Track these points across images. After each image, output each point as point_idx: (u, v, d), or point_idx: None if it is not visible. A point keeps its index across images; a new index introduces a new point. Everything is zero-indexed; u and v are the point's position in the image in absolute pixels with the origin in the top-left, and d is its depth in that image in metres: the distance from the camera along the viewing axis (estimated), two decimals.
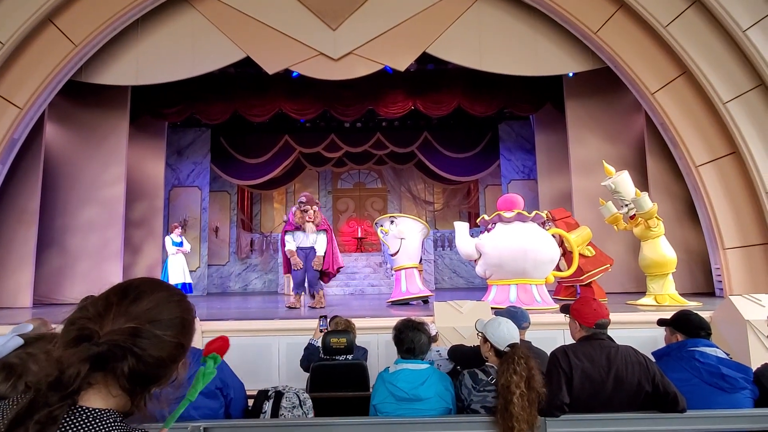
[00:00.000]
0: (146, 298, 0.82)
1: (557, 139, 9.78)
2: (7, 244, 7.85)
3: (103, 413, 0.75)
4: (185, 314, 0.87)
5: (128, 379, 0.76)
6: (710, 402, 2.25)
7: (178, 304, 0.86)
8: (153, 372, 0.80)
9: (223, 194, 12.45)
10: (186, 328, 0.86)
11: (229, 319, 5.54)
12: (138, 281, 0.86)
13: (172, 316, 0.84)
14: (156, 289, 0.85)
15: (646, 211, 5.97)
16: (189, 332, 0.87)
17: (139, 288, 0.83)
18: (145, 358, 0.78)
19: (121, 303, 0.79)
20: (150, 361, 0.78)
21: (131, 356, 0.76)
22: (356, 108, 9.83)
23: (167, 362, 0.82)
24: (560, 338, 4.40)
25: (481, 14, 7.79)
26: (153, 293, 0.83)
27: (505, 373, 2.09)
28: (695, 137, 7.11)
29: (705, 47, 6.86)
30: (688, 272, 7.83)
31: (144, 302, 0.81)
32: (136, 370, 0.77)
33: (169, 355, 0.82)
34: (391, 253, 7.26)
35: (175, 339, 0.83)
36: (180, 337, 0.84)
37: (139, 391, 0.80)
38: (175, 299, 0.86)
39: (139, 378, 0.78)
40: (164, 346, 0.80)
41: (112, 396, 0.77)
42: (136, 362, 0.76)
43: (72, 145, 8.94)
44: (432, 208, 13.75)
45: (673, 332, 2.64)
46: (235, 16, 7.68)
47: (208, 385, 2.24)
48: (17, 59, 7.09)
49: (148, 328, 0.79)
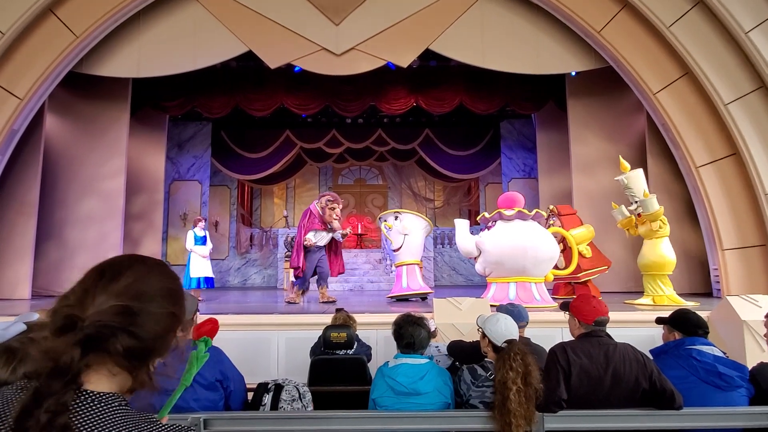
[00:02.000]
0: (125, 275, 0.79)
1: (558, 138, 9.78)
2: (7, 235, 7.85)
3: (107, 397, 0.75)
4: (169, 283, 0.85)
5: (125, 356, 0.75)
6: (706, 399, 2.27)
7: (159, 274, 0.84)
8: (149, 346, 0.78)
9: (224, 188, 12.44)
10: (173, 297, 0.84)
11: (228, 313, 5.55)
12: (113, 259, 0.83)
13: (156, 287, 0.81)
14: (133, 264, 0.82)
15: (650, 213, 6.02)
16: (177, 300, 0.85)
17: (116, 266, 0.81)
18: (138, 333, 0.76)
19: (98, 284, 0.77)
20: (143, 335, 0.77)
21: (122, 334, 0.75)
22: (358, 104, 9.82)
23: (161, 334, 0.80)
24: (559, 336, 4.42)
25: (485, 12, 7.77)
26: (131, 268, 0.81)
27: (501, 369, 2.11)
28: (696, 138, 7.12)
29: (707, 48, 6.86)
30: (686, 272, 7.85)
31: (123, 279, 0.79)
32: (131, 346, 0.76)
33: (163, 327, 0.80)
34: (393, 249, 7.27)
35: (163, 309, 0.81)
36: (169, 307, 0.82)
37: (139, 366, 0.79)
38: (155, 270, 0.84)
39: (136, 353, 0.77)
40: (154, 319, 0.79)
41: (113, 375, 0.77)
42: (128, 339, 0.75)
43: (72, 136, 8.92)
44: (432, 205, 13.76)
45: (671, 330, 2.65)
46: (237, 9, 7.65)
47: (207, 377, 2.27)
48: (18, 49, 7.07)
49: (132, 303, 0.77)
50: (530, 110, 10.23)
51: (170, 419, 0.91)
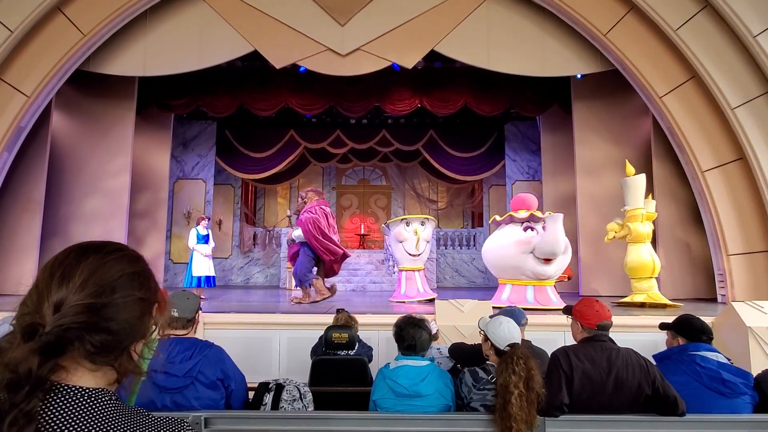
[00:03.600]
0: (77, 271, 0.74)
1: (563, 141, 9.75)
2: (12, 231, 7.90)
3: (95, 393, 0.72)
4: (130, 267, 0.79)
5: (99, 352, 0.72)
6: (710, 406, 2.25)
7: (116, 261, 0.78)
8: (123, 337, 0.75)
9: (228, 187, 12.48)
10: (138, 280, 0.79)
11: (230, 312, 5.56)
12: (63, 254, 0.77)
13: (116, 275, 0.76)
14: (82, 257, 0.76)
15: (631, 209, 6.71)
16: (144, 282, 0.80)
17: (66, 261, 0.75)
18: (108, 327, 0.73)
19: (51, 285, 0.73)
20: (115, 328, 0.73)
21: (90, 333, 0.71)
22: (362, 104, 9.82)
23: (133, 321, 0.76)
24: (561, 340, 4.40)
25: (490, 13, 7.76)
26: (80, 263, 0.75)
27: (503, 373, 2.09)
28: (702, 142, 7.08)
29: (714, 52, 6.82)
30: (691, 277, 7.81)
31: (78, 275, 0.73)
32: (103, 342, 0.72)
33: (134, 314, 0.77)
34: (416, 254, 7.24)
35: (129, 297, 0.76)
36: (136, 292, 0.77)
37: (119, 356, 0.75)
38: (111, 257, 0.77)
39: (111, 346, 0.73)
40: (122, 309, 0.75)
41: (94, 371, 0.73)
42: (98, 335, 0.72)
43: (78, 134, 8.97)
44: (436, 206, 13.74)
45: (674, 336, 2.63)
46: (243, 9, 7.67)
47: (209, 375, 2.27)
48: (26, 47, 7.11)
49: (94, 300, 0.72)
50: (535, 112, 10.20)
51: (170, 416, 0.88)
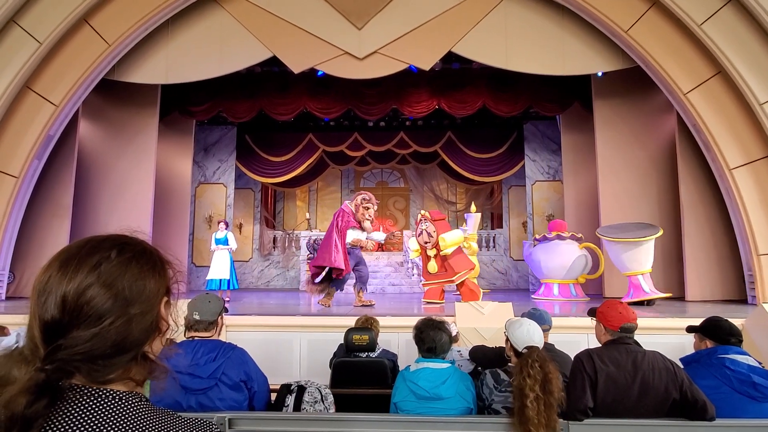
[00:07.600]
0: (50, 295, 0.68)
1: (584, 140, 9.59)
2: (42, 236, 8.17)
3: (124, 396, 0.69)
4: (127, 281, 0.71)
5: (110, 367, 0.69)
6: (740, 410, 2.19)
7: (98, 276, 0.69)
8: (135, 343, 0.71)
9: (248, 191, 12.65)
10: (137, 295, 0.71)
11: (252, 314, 5.63)
12: (42, 279, 0.71)
13: (105, 299, 0.69)
14: (63, 278, 0.69)
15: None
16: (144, 297, 0.72)
17: (46, 286, 0.69)
18: (110, 345, 0.68)
19: (36, 311, 0.68)
20: (117, 340, 0.69)
21: (90, 362, 0.67)
22: (380, 107, 9.85)
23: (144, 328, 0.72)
24: (584, 342, 4.33)
25: (508, 13, 7.70)
26: (60, 287, 0.68)
27: (518, 375, 2.07)
28: (729, 139, 6.88)
29: (741, 46, 6.63)
30: (719, 278, 7.59)
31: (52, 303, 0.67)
32: (113, 356, 0.69)
33: (147, 326, 0.73)
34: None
35: (125, 314, 0.69)
36: (133, 308, 0.70)
37: (133, 359, 0.72)
38: (94, 274, 0.69)
39: (114, 364, 0.69)
40: (124, 330, 0.69)
41: (107, 379, 0.70)
42: (110, 358, 0.68)
43: (104, 141, 9.23)
44: (455, 208, 13.67)
45: (702, 339, 2.57)
46: (262, 15, 7.79)
47: (232, 377, 2.30)
48: (54, 58, 7.36)
49: (80, 333, 0.66)
50: (555, 112, 10.06)
51: (199, 417, 0.87)
